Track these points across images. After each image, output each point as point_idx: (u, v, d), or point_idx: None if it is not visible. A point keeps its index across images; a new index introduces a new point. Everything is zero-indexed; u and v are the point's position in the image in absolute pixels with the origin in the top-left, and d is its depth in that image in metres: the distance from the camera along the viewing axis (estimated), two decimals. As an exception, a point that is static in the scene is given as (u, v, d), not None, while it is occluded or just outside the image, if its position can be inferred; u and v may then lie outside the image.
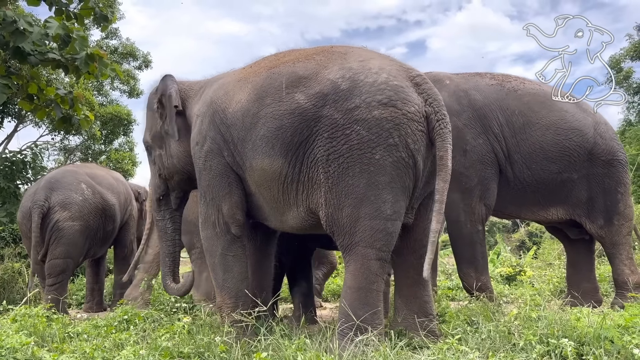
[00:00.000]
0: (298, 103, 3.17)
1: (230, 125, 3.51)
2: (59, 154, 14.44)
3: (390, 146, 2.98)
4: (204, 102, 3.83)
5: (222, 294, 3.70)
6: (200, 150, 3.73)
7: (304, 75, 3.23)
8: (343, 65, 3.18)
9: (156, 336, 3.35)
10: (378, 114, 2.98)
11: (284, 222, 3.54)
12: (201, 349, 3.04)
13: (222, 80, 3.86)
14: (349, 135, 3.01)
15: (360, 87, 3.05)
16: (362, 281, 3.07)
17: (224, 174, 3.61)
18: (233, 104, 3.53)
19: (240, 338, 3.26)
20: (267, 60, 3.66)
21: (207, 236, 3.78)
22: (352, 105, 3.02)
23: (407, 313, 3.44)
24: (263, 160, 3.31)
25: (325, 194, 3.12)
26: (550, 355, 2.77)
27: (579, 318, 3.17)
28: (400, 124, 2.99)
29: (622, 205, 4.81)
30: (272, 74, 3.39)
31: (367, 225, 3.04)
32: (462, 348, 2.88)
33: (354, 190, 3.03)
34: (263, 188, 3.43)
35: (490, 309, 3.83)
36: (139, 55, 14.32)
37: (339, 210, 3.08)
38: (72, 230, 5.71)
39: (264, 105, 3.31)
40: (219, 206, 3.66)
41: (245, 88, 3.51)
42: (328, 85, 3.12)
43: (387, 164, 2.99)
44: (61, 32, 5.78)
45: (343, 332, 3.04)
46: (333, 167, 3.05)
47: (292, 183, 3.26)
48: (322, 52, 3.39)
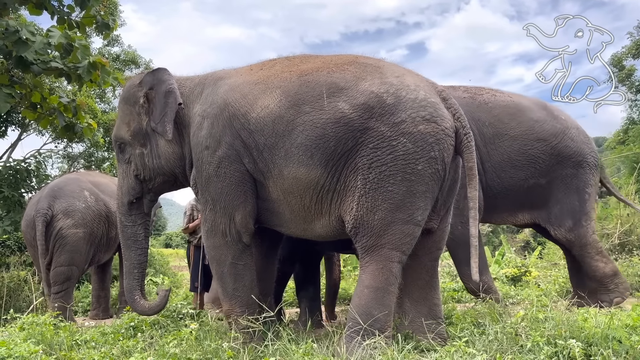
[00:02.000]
0: (343, 113, 3.20)
1: (255, 131, 3.41)
2: (62, 162, 14.50)
3: (432, 159, 3.15)
4: (212, 103, 3.66)
5: (232, 303, 3.65)
6: (211, 155, 3.57)
7: (345, 86, 3.28)
8: (383, 80, 3.27)
9: (164, 343, 3.36)
10: (423, 128, 3.14)
11: (308, 229, 3.52)
12: (209, 355, 3.05)
13: (230, 80, 3.71)
14: (395, 147, 3.12)
15: (404, 103, 3.18)
16: (382, 282, 3.14)
17: (240, 182, 3.52)
18: (257, 109, 3.42)
19: (248, 343, 3.26)
20: (284, 65, 3.60)
21: (215, 245, 3.68)
22: (399, 119, 3.15)
23: (415, 315, 3.46)
24: (298, 169, 3.28)
25: (359, 198, 3.18)
26: (558, 357, 2.77)
27: (586, 319, 3.17)
28: (440, 139, 3.17)
29: (589, 205, 4.93)
30: (308, 82, 3.36)
31: (399, 229, 3.15)
32: (469, 350, 2.88)
33: (393, 196, 3.13)
34: (292, 196, 3.38)
35: (497, 310, 3.83)
36: (141, 62, 14.38)
37: (372, 212, 3.16)
38: (75, 238, 5.72)
39: (301, 113, 3.28)
40: (231, 215, 3.57)
41: (273, 93, 3.41)
42: (373, 98, 3.20)
43: (426, 174, 3.15)
44: (63, 41, 5.82)
45: (351, 335, 3.05)
46: (374, 174, 3.14)
47: (328, 192, 3.30)
48: (352, 63, 3.43)
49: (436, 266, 3.58)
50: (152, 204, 4.30)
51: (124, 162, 4.19)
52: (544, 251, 10.37)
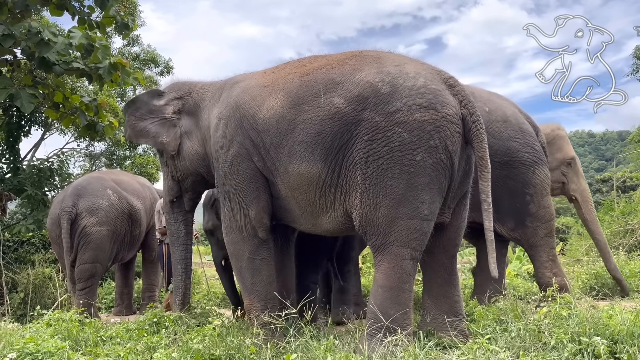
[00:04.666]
0: (338, 108, 3.21)
1: (262, 131, 3.52)
2: (84, 161, 14.68)
3: (431, 148, 3.04)
4: (227, 105, 3.82)
5: (251, 298, 3.72)
6: (225, 154, 3.74)
7: (341, 80, 3.27)
8: (380, 69, 3.22)
9: (187, 339, 3.40)
10: (419, 116, 3.04)
11: (317, 225, 3.57)
12: (231, 351, 3.06)
13: (243, 83, 3.85)
14: (390, 137, 3.05)
15: (400, 91, 3.10)
16: (395, 280, 3.11)
17: (252, 179, 3.63)
18: (264, 110, 3.53)
19: (270, 340, 3.28)
20: (292, 67, 3.68)
21: (233, 240, 3.80)
22: (394, 108, 3.07)
23: (437, 313, 3.44)
24: (301, 165, 3.33)
25: (361, 195, 3.15)
26: (583, 354, 2.73)
27: (611, 315, 3.13)
28: (440, 127, 3.06)
29: (534, 206, 4.69)
30: (307, 82, 3.41)
31: (404, 225, 3.08)
32: (492, 347, 2.86)
33: (393, 190, 3.06)
34: (298, 192, 3.44)
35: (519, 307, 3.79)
36: (161, 62, 14.46)
37: (375, 210, 3.11)
38: (99, 235, 5.81)
39: (301, 112, 3.34)
40: (246, 210, 3.68)
41: (277, 95, 3.51)
42: (367, 88, 3.16)
43: (427, 165, 3.05)
44: (84, 42, 5.91)
45: (372, 332, 3.05)
46: (372, 168, 3.09)
47: (331, 187, 3.30)
48: (353, 57, 3.42)
49: (454, 263, 3.53)
50: (193, 202, 4.46)
51: (164, 165, 4.47)
52: (566, 247, 10.23)
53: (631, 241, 8.02)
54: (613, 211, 9.43)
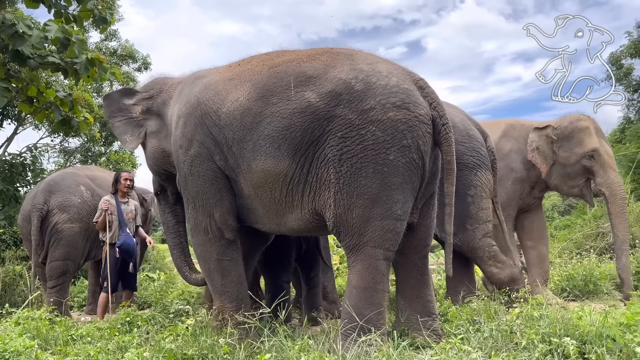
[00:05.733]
0: (309, 102, 3.15)
1: (225, 126, 3.43)
2: (58, 156, 14.42)
3: (404, 147, 3.04)
4: (187, 102, 3.72)
5: (222, 299, 3.66)
6: (185, 154, 3.65)
7: (313, 75, 3.22)
8: (353, 67, 3.20)
9: (160, 338, 3.35)
10: (393, 115, 3.04)
11: (282, 224, 3.50)
12: (205, 351, 3.04)
13: (206, 79, 3.75)
14: (364, 136, 3.03)
15: (374, 89, 3.09)
16: (369, 281, 3.10)
17: (214, 180, 3.55)
18: (228, 103, 3.44)
19: (244, 340, 3.26)
20: (260, 59, 3.59)
21: (200, 242, 3.73)
22: (367, 106, 3.06)
23: (410, 313, 3.45)
24: (266, 161, 3.26)
25: (335, 195, 3.11)
26: (553, 354, 2.78)
27: (580, 317, 3.18)
28: (413, 126, 3.06)
29: (474, 208, 4.77)
30: (277, 73, 3.34)
31: (378, 226, 3.07)
32: (464, 347, 2.89)
33: (367, 190, 3.05)
34: (262, 190, 3.37)
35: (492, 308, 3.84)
36: (139, 57, 14.27)
37: (349, 210, 3.09)
38: (71, 232, 5.71)
39: (269, 104, 3.26)
40: (210, 212, 3.61)
41: (243, 86, 3.43)
42: (341, 85, 3.13)
43: (400, 164, 3.04)
44: (60, 36, 5.78)
45: (347, 332, 3.05)
46: (346, 166, 3.06)
47: (299, 184, 3.24)
48: (325, 53, 3.39)
49: (426, 263, 3.53)
50: (176, 195, 4.34)
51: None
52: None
53: (602, 244, 8.18)
54: (585, 215, 9.61)
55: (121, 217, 5.37)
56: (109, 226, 5.27)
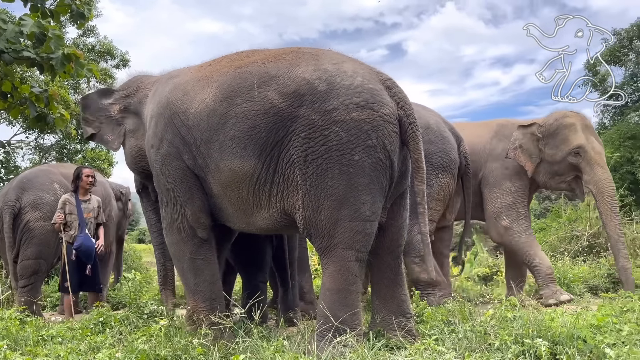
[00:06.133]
0: (272, 102, 3.15)
1: (193, 126, 3.44)
2: (33, 153, 14.14)
3: (369, 147, 3.03)
4: (158, 102, 3.74)
5: (195, 298, 3.64)
6: (156, 153, 3.67)
7: (277, 75, 3.22)
8: (318, 67, 3.19)
9: (133, 339, 3.31)
10: (356, 115, 3.02)
11: (250, 223, 3.51)
12: (178, 352, 3.01)
13: (177, 79, 3.77)
14: (327, 136, 3.03)
15: (337, 89, 3.08)
16: (342, 283, 3.09)
17: (183, 179, 3.56)
18: (195, 104, 3.45)
19: (219, 340, 3.23)
20: (229, 60, 3.60)
21: (173, 241, 3.73)
22: (330, 106, 3.05)
23: (386, 313, 3.46)
24: (232, 161, 3.26)
25: (302, 197, 3.11)
26: (525, 355, 2.82)
27: (553, 318, 3.23)
28: (377, 126, 3.05)
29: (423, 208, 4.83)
30: (241, 74, 3.35)
31: (347, 227, 3.06)
32: (438, 348, 2.92)
33: (334, 192, 3.04)
34: (230, 189, 3.38)
35: (467, 309, 3.88)
36: (117, 54, 14.06)
37: (318, 212, 3.09)
38: (43, 231, 5.59)
39: (233, 105, 3.27)
40: (182, 211, 3.61)
41: (210, 87, 3.44)
42: (304, 85, 3.12)
43: (366, 165, 3.03)
44: (36, 30, 5.66)
45: (322, 333, 3.05)
46: (311, 168, 3.06)
47: (265, 184, 3.24)
48: (291, 52, 3.39)
49: (400, 264, 3.53)
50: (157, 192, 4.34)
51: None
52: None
53: (576, 247, 8.32)
54: (560, 218, 9.76)
55: (80, 217, 5.27)
56: (69, 226, 5.18)
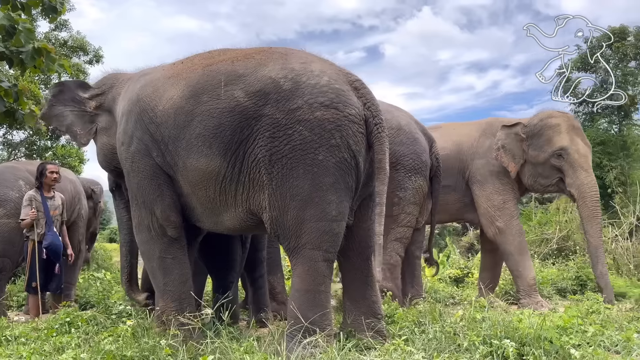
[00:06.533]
0: (238, 101, 3.14)
1: (161, 123, 3.42)
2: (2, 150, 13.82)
3: (333, 147, 3.03)
4: (129, 100, 3.72)
5: (165, 298, 3.59)
6: (126, 151, 3.64)
7: (244, 74, 3.20)
8: (285, 66, 3.18)
9: (99, 339, 3.25)
10: (320, 115, 3.02)
11: (218, 222, 3.49)
12: (146, 353, 2.96)
13: (149, 76, 3.74)
14: (291, 136, 3.02)
15: (302, 89, 3.07)
16: (311, 283, 3.09)
17: (153, 176, 3.52)
18: (164, 102, 3.43)
19: (187, 341, 3.19)
20: (200, 58, 3.58)
21: (143, 240, 3.69)
22: (295, 105, 3.04)
23: (357, 314, 3.46)
24: (199, 160, 3.24)
25: (269, 197, 3.10)
26: (493, 356, 2.86)
27: (520, 319, 3.28)
28: (341, 126, 3.05)
29: (397, 209, 4.82)
30: (210, 72, 3.33)
31: (313, 227, 3.05)
32: (408, 349, 2.93)
33: (299, 192, 3.03)
34: (197, 188, 3.36)
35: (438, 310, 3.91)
36: (90, 50, 13.82)
37: (284, 213, 3.08)
38: (7, 228, 5.44)
39: (200, 103, 3.25)
40: (151, 209, 3.57)
41: (178, 85, 3.42)
42: (270, 83, 3.12)
43: (330, 164, 3.03)
44: (6, 23, 5.53)
45: (291, 334, 3.04)
46: (276, 168, 3.05)
47: (231, 183, 3.22)
48: (261, 52, 3.38)
49: (370, 265, 3.53)
50: None
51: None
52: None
53: (546, 250, 8.48)
54: (531, 221, 9.94)
55: (47, 214, 5.15)
56: (35, 224, 5.05)
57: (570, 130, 5.52)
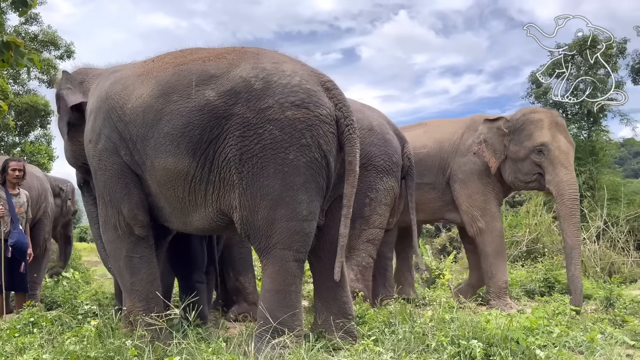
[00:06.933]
0: (208, 100, 3.11)
1: (129, 122, 3.37)
2: (-33, 145, 13.45)
3: (303, 146, 3.02)
4: (98, 97, 3.66)
5: (132, 298, 3.54)
6: (94, 148, 3.58)
7: (216, 74, 3.18)
8: (256, 65, 3.16)
9: (63, 340, 3.17)
10: (291, 114, 3.01)
11: (187, 223, 3.45)
12: (111, 354, 2.90)
13: (119, 74, 3.69)
14: (261, 135, 3.00)
15: (273, 88, 3.06)
16: (281, 283, 3.07)
17: (120, 174, 3.47)
18: (133, 100, 3.39)
19: (155, 342, 3.14)
20: (172, 56, 3.55)
21: (110, 239, 3.63)
22: (265, 105, 3.02)
23: (327, 315, 3.46)
24: (167, 159, 3.20)
25: (239, 196, 3.08)
26: (460, 356, 2.88)
27: (488, 320, 3.32)
28: (312, 125, 3.04)
29: (369, 210, 4.78)
30: (181, 71, 3.30)
31: (284, 227, 3.04)
32: (377, 349, 2.94)
33: (269, 191, 3.02)
34: (166, 188, 3.31)
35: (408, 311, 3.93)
36: (61, 44, 13.58)
37: (255, 212, 3.06)
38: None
39: (169, 102, 3.21)
40: (118, 208, 3.52)
41: (148, 83, 3.38)
42: (240, 83, 3.10)
43: (301, 164, 3.02)
44: (-29, 14, 5.40)
45: (260, 334, 3.01)
46: (247, 167, 3.03)
47: (201, 183, 3.19)
48: (233, 52, 3.35)
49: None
50: None
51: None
52: (458, 255, 10.78)
53: (515, 252, 8.61)
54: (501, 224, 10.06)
55: (12, 211, 5.02)
56: (2, 222, 4.91)
57: (552, 126, 5.36)
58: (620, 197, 11.01)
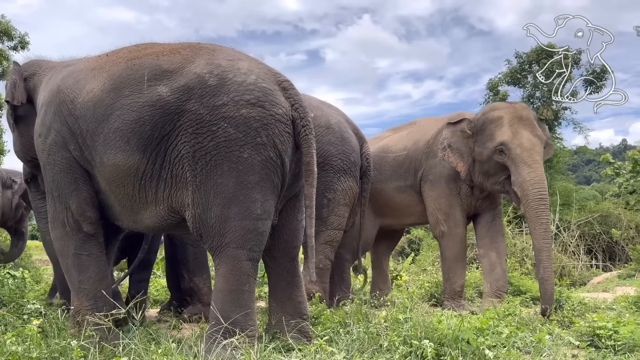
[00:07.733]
0: (160, 95, 3.05)
1: (79, 116, 3.28)
2: None
3: (258, 145, 2.99)
4: (49, 90, 3.56)
5: (80, 297, 3.43)
6: (43, 143, 3.48)
7: (169, 69, 3.12)
8: (211, 62, 3.12)
9: (4, 340, 3.04)
10: (246, 112, 2.97)
11: (138, 221, 3.37)
12: (55, 354, 2.80)
13: (72, 67, 3.60)
14: (215, 132, 2.96)
15: (228, 85, 3.01)
16: (234, 283, 3.02)
17: (69, 170, 3.38)
18: (84, 94, 3.30)
19: (102, 342, 3.05)
20: (126, 51, 3.48)
21: (58, 236, 3.53)
22: (220, 102, 2.98)
23: (282, 315, 3.43)
24: (116, 156, 3.12)
25: (192, 194, 3.02)
26: (412, 356, 2.91)
27: (440, 320, 3.36)
28: (268, 124, 3.02)
29: (326, 211, 4.73)
30: (133, 65, 3.23)
31: (237, 226, 3.00)
32: (330, 349, 2.93)
33: (223, 189, 2.97)
34: (115, 185, 3.24)
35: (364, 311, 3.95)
36: (15, 35, 13.12)
37: (208, 210, 3.01)
38: None
39: (120, 97, 3.14)
40: (66, 203, 3.42)
41: (100, 78, 3.30)
42: (194, 79, 3.05)
43: (255, 162, 2.99)
44: None
45: (212, 335, 2.97)
46: (200, 164, 2.98)
47: (152, 180, 3.12)
48: (188, 47, 3.30)
49: (296, 265, 3.52)
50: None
51: None
52: (416, 257, 10.94)
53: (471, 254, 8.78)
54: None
55: None
56: None
57: (514, 122, 5.00)
58: (572, 203, 11.42)
